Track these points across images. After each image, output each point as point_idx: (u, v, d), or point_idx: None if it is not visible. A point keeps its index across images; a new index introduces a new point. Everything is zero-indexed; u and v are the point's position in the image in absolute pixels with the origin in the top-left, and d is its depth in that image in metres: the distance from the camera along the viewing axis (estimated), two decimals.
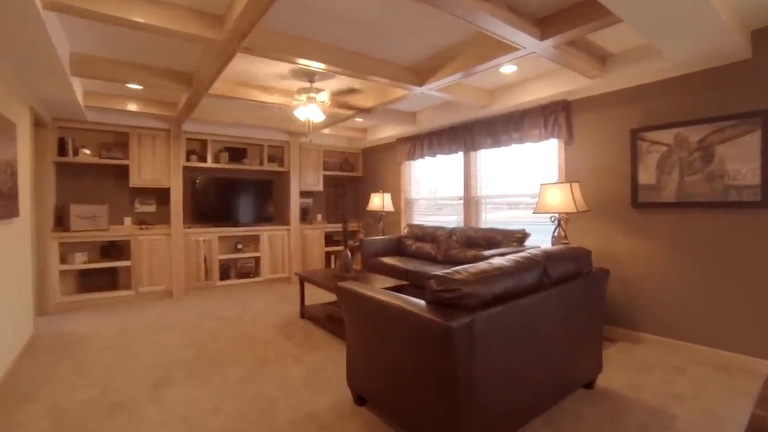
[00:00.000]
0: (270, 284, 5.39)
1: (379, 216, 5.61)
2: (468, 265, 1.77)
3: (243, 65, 3.16)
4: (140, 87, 3.62)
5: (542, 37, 2.37)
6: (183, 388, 2.36)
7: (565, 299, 2.02)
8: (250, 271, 5.35)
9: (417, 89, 3.31)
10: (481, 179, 4.58)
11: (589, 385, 2.32)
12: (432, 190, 5.33)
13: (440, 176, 5.15)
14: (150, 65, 3.20)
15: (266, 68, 3.23)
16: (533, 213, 3.41)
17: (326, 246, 5.98)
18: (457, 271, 1.67)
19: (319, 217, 6.28)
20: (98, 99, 3.89)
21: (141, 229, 4.62)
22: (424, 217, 5.46)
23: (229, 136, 5.21)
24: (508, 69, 3.28)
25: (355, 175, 6.44)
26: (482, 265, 1.79)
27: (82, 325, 3.62)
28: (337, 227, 6.03)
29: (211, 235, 4.93)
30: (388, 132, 5.41)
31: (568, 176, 3.62)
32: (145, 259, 4.50)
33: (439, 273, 1.66)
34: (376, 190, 6.10)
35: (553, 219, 3.44)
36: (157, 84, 3.24)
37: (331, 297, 4.70)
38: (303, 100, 3.29)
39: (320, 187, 5.98)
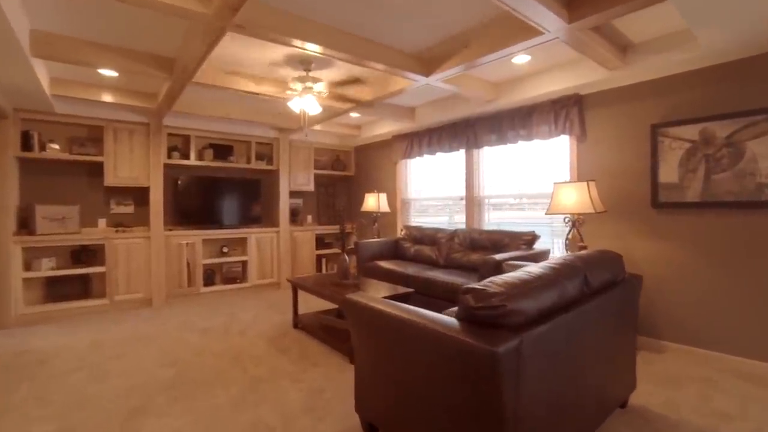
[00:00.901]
0: (258, 290, 5.04)
1: (373, 217, 5.33)
2: (504, 276, 1.51)
3: (232, 49, 2.84)
4: (115, 74, 3.26)
5: (570, 20, 2.14)
6: (163, 417, 2.03)
7: (604, 310, 1.78)
8: (236, 276, 5.00)
9: (423, 80, 3.05)
10: (484, 178, 4.36)
11: (623, 404, 2.10)
12: (428, 190, 5.08)
13: (439, 175, 4.91)
14: (126, 48, 2.85)
15: (258, 54, 2.92)
16: (546, 213, 3.20)
17: (317, 249, 5.66)
18: (494, 283, 1.41)
19: (310, 218, 5.96)
20: (68, 87, 3.50)
21: (117, 231, 4.22)
22: (420, 218, 5.21)
23: (214, 131, 4.86)
24: (521, 59, 3.06)
25: (347, 174, 6.15)
26: (520, 274, 1.54)
27: (47, 340, 3.22)
28: (328, 229, 5.72)
29: (194, 237, 4.56)
30: (384, 128, 5.14)
31: (581, 175, 3.42)
32: (121, 265, 4.11)
33: (476, 286, 1.39)
34: (370, 190, 5.82)
35: (567, 220, 3.24)
36: (135, 70, 2.89)
37: (326, 305, 4.39)
38: (298, 90, 2.99)
39: (311, 187, 5.66)
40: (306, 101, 2.94)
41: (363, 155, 6.04)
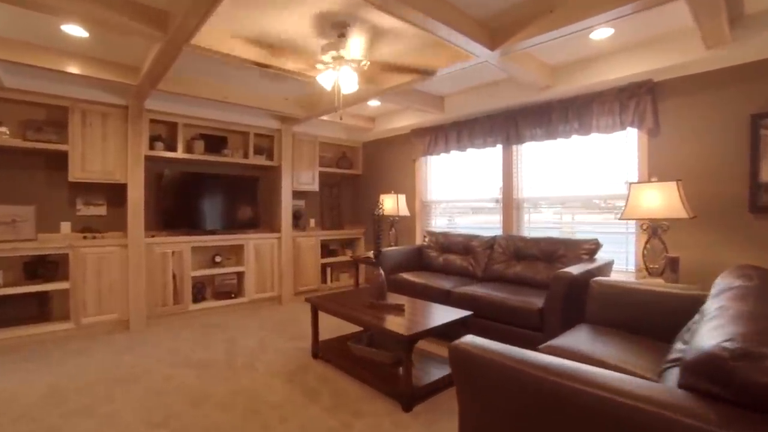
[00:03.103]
0: (257, 306, 4.32)
1: (390, 222, 4.71)
2: (745, 322, 0.95)
3: (245, 6, 2.17)
4: (85, 34, 2.52)
5: None
6: None
7: None
8: (231, 289, 4.27)
9: (485, 54, 2.48)
10: (525, 178, 3.83)
11: None
12: (447, 191, 4.51)
13: (466, 174, 4.35)
14: None
15: (278, 12, 2.26)
16: (620, 218, 2.70)
17: (322, 257, 4.98)
18: (761, 338, 0.84)
19: (312, 222, 5.28)
20: (20, 52, 2.70)
21: (85, 238, 3.43)
22: (442, 221, 4.63)
23: (206, 119, 4.12)
24: (602, 33, 2.54)
25: (354, 173, 5.50)
26: (749, 316, 0.98)
27: None
28: (333, 234, 5.05)
29: (181, 245, 3.81)
30: (402, 121, 4.54)
31: (652, 174, 2.95)
32: (90, 280, 3.32)
33: (744, 347, 0.81)
34: (384, 191, 5.20)
35: (645, 227, 2.74)
36: (113, 23, 2.16)
37: (342, 324, 3.74)
38: (331, 62, 2.36)
39: (315, 187, 4.98)
40: (343, 74, 2.30)
41: (373, 152, 5.42)
